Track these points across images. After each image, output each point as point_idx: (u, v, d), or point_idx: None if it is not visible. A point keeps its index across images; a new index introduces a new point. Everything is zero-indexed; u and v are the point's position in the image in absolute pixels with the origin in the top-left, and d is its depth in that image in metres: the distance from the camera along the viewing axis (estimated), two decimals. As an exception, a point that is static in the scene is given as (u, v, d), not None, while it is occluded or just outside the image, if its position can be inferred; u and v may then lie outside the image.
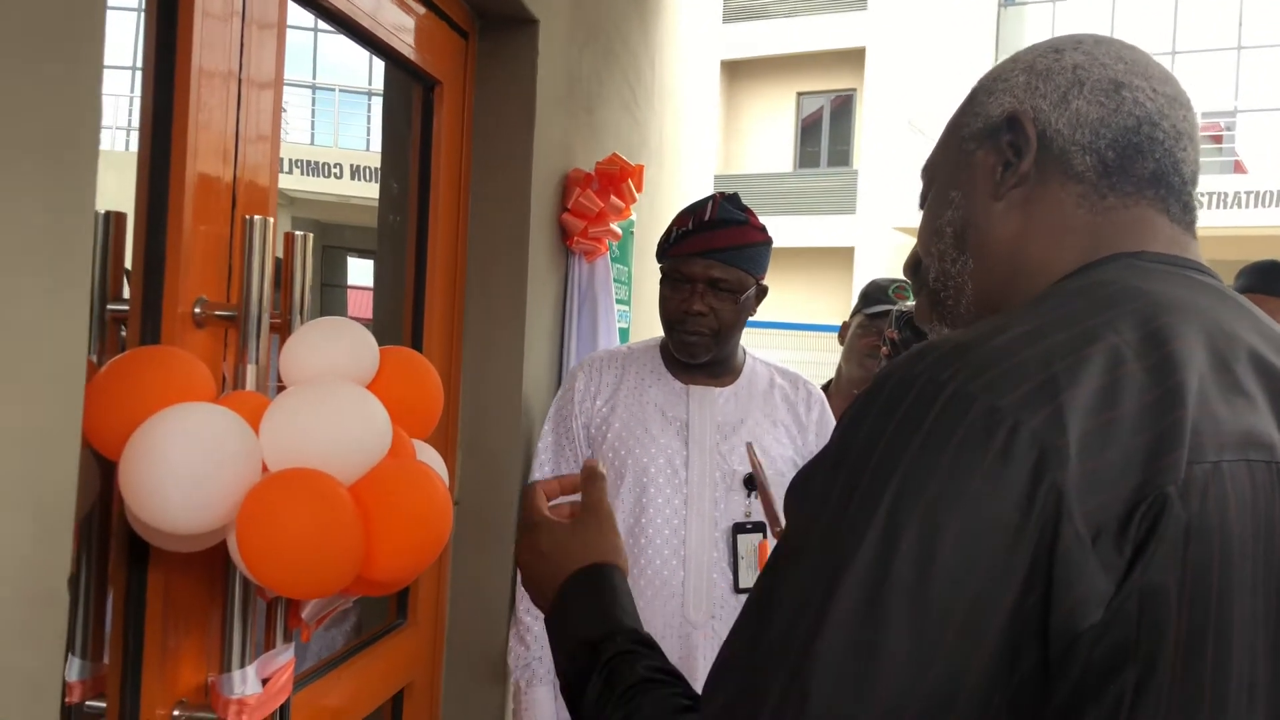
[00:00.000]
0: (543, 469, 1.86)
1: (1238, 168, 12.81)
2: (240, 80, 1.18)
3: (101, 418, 0.96)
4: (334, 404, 0.99)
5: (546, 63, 1.97)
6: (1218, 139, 13.22)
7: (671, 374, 1.84)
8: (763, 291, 1.84)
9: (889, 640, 0.57)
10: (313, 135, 13.19)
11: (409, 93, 1.81)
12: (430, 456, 1.15)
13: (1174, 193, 0.76)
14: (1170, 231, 0.76)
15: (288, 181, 11.74)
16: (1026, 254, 0.76)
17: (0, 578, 0.70)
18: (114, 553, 1.10)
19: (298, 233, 1.19)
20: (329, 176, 11.76)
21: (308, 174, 11.84)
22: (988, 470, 0.58)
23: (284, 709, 1.21)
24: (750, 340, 1.94)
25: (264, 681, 1.14)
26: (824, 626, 0.58)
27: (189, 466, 0.90)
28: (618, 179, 2.16)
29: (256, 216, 1.13)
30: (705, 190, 3.51)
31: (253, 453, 0.96)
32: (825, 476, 0.65)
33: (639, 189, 2.24)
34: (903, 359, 0.68)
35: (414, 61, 1.68)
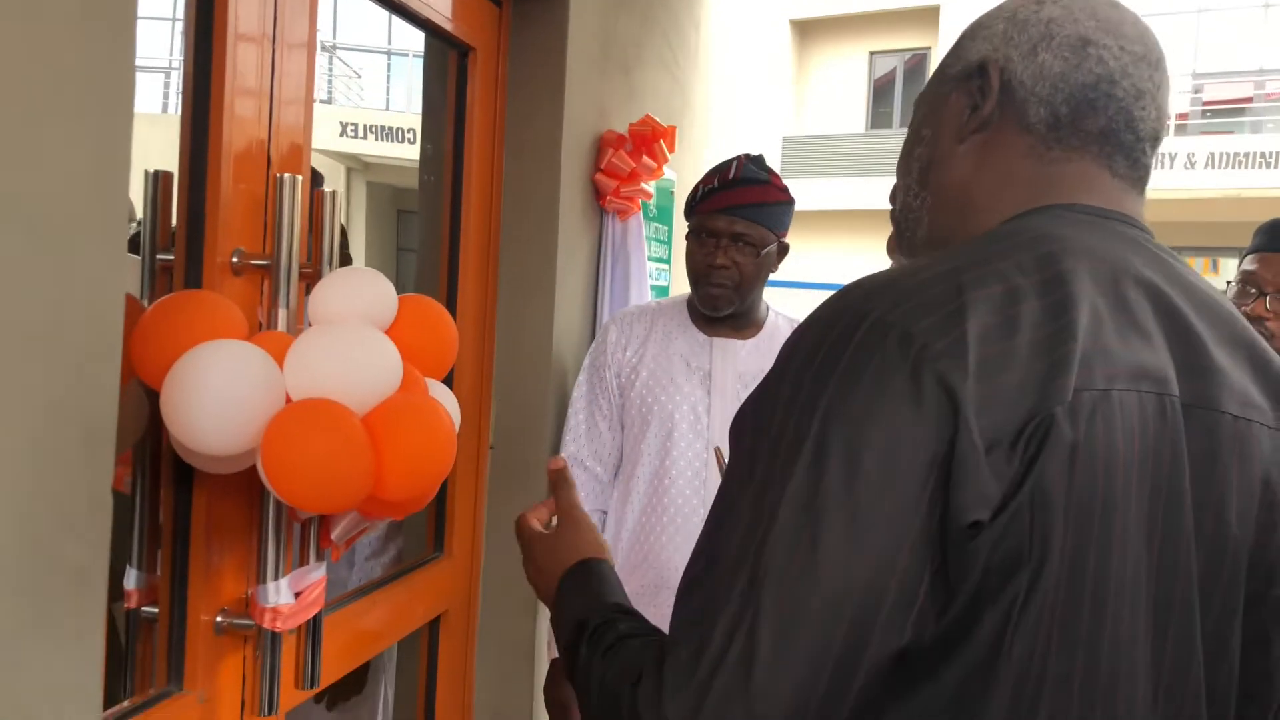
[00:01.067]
0: (577, 415, 1.98)
1: None
2: (274, 45, 1.29)
3: (148, 352, 1.09)
4: (349, 342, 1.11)
5: (579, 27, 2.05)
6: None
7: (697, 327, 1.94)
8: (784, 249, 1.92)
9: (826, 542, 0.65)
10: (388, 101, 13.43)
11: (445, 59, 1.91)
12: (442, 394, 1.26)
13: (1123, 149, 0.80)
14: (1110, 186, 0.80)
15: (363, 147, 11.99)
16: (973, 197, 0.82)
17: (54, 481, 0.83)
18: (163, 476, 1.24)
19: (326, 189, 1.30)
20: (403, 142, 11.99)
21: (382, 139, 12.08)
22: (899, 389, 0.66)
23: (316, 624, 1.35)
24: (819, 300, 2.02)
25: (297, 595, 1.27)
26: (770, 535, 0.67)
27: (220, 394, 1.02)
28: (650, 139, 2.23)
29: (287, 175, 1.24)
30: (769, 152, 3.55)
31: (277, 384, 1.07)
32: (764, 405, 0.73)
33: (671, 149, 2.31)
34: (835, 294, 0.76)
35: (447, 29, 1.78)
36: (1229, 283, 2.03)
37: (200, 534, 1.24)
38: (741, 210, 1.84)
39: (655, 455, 1.87)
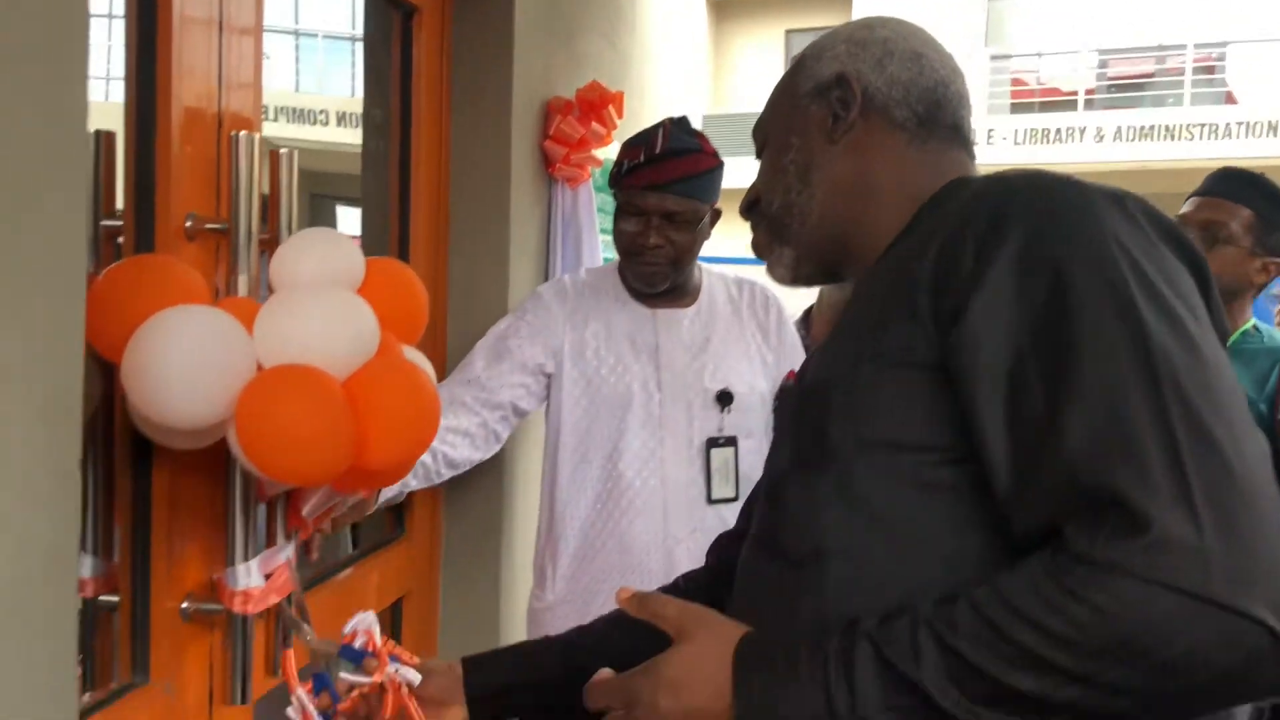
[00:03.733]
0: (471, 369, 1.79)
1: (1229, 99, 12.77)
2: (221, 6, 1.21)
3: (103, 322, 1.01)
4: (323, 305, 1.05)
5: (524, -9, 1.99)
6: (1210, 70, 13.17)
7: (635, 300, 1.85)
8: (716, 215, 1.84)
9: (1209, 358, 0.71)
10: (297, 82, 13.05)
11: (389, 21, 1.84)
12: (417, 358, 1.21)
13: (966, 141, 0.96)
14: (972, 168, 0.95)
15: (272, 129, 11.61)
16: (875, 180, 0.93)
17: (20, 456, 0.76)
18: (119, 455, 1.16)
19: (281, 149, 1.24)
20: (314, 124, 11.66)
21: (293, 122, 11.73)
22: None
23: (302, 603, 1.28)
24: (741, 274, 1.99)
25: (266, 578, 1.21)
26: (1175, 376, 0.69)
27: (188, 363, 0.96)
28: (598, 105, 2.19)
29: (243, 133, 1.17)
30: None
31: (248, 351, 1.01)
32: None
33: (620, 115, 2.27)
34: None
35: (392, -12, 1.71)
36: None
37: (162, 516, 1.17)
38: (672, 186, 1.73)
39: (608, 439, 1.79)
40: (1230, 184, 1.91)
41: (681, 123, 1.81)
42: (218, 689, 1.25)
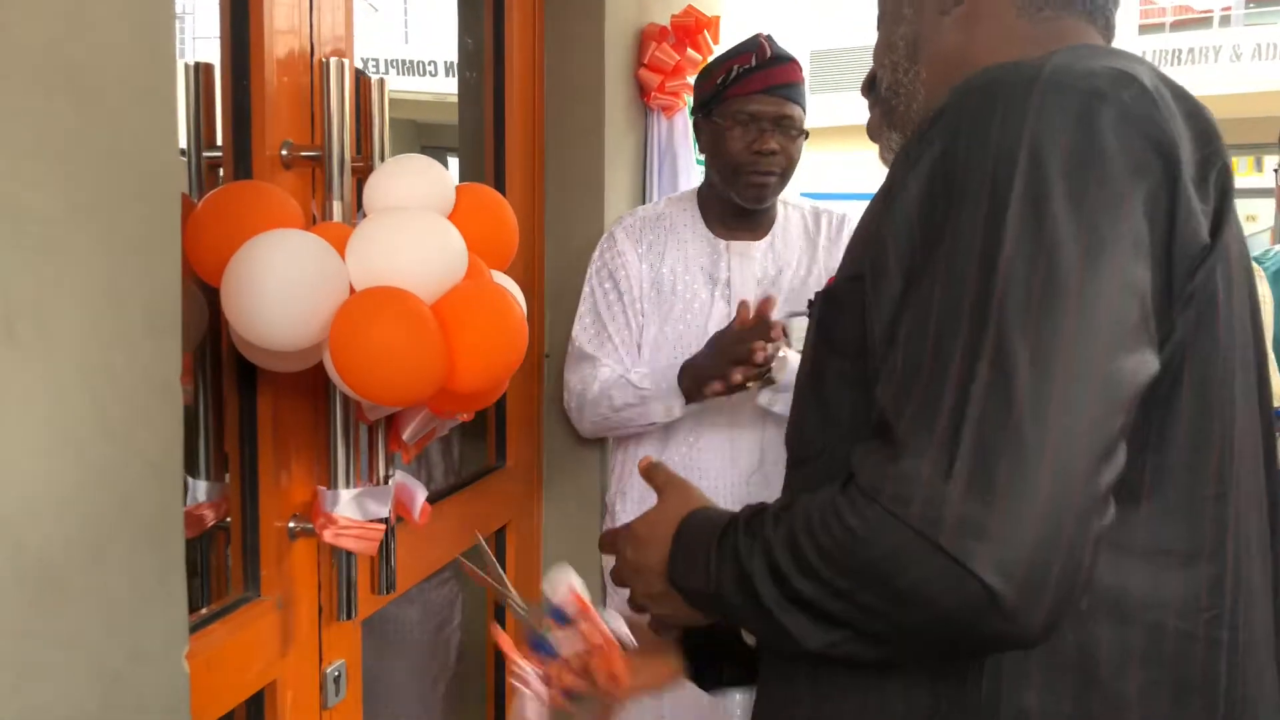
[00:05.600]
0: (586, 331, 1.82)
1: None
2: (310, -71, 1.22)
3: (203, 248, 1.04)
4: (412, 227, 1.06)
5: (616, -87, 1.95)
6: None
7: (711, 231, 1.83)
8: (805, 134, 1.81)
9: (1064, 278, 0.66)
10: (406, 34, 13.23)
11: (480, -49, 1.83)
12: (506, 283, 1.21)
13: (1100, 9, 0.86)
14: (1099, 40, 0.86)
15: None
16: (977, 58, 0.83)
17: (125, 372, 0.79)
18: (226, 380, 1.20)
19: (371, 76, 1.24)
20: (424, 75, 11.81)
21: (404, 73, 11.91)
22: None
23: (389, 531, 1.30)
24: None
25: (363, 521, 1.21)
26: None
27: (283, 285, 0.98)
28: (694, 31, 2.14)
29: (332, 59, 1.18)
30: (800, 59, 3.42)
31: (340, 273, 1.03)
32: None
33: (716, 40, 2.21)
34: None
35: (482, -85, 1.69)
36: (1277, 170, 1.90)
37: (267, 438, 1.20)
38: (784, 90, 1.72)
39: (664, 358, 1.78)
40: None
41: (772, 38, 1.80)
42: (327, 605, 1.29)
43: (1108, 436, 0.62)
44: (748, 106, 1.72)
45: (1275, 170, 1.85)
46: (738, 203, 1.79)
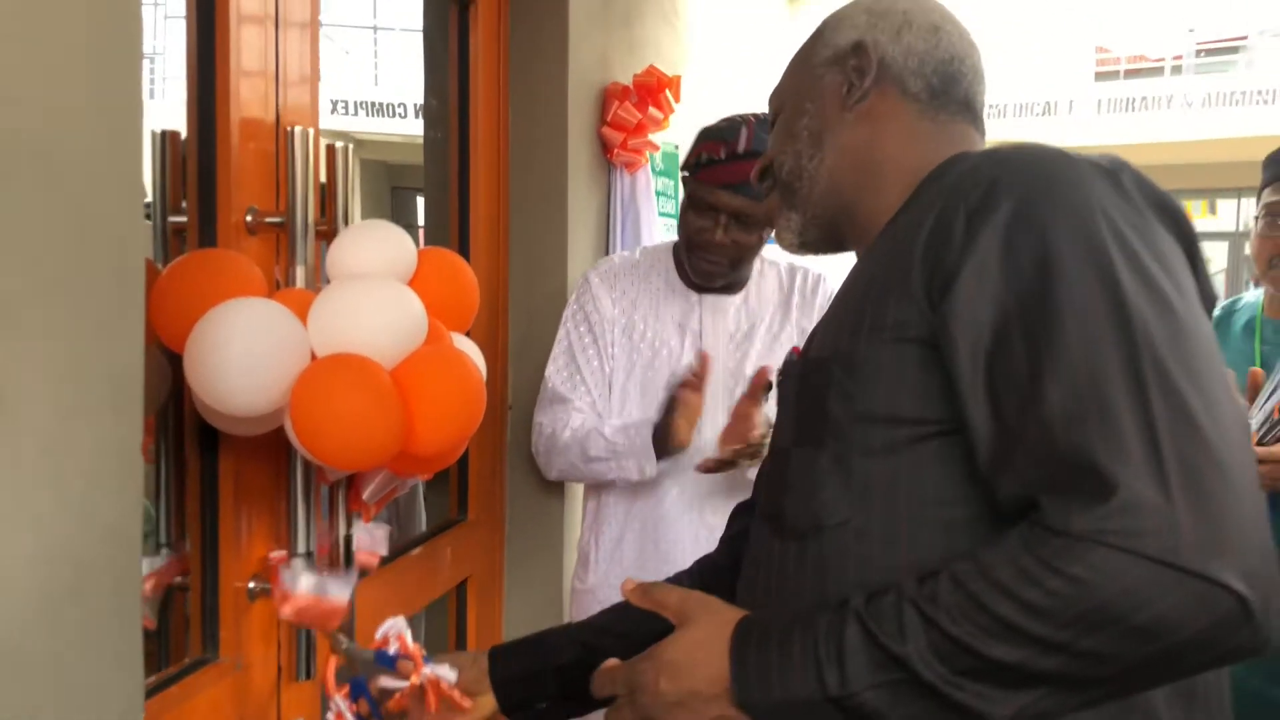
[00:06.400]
0: (560, 373, 1.82)
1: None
2: (278, 4, 1.25)
3: (167, 314, 1.06)
4: (373, 295, 1.08)
5: (579, -22, 2.00)
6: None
7: (684, 282, 1.84)
8: (771, 224, 1.78)
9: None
10: (376, 77, 13.30)
11: (445, 14, 1.87)
12: (467, 346, 1.23)
13: (977, 117, 0.97)
14: (980, 144, 0.96)
15: (353, 124, 11.86)
16: (883, 151, 0.94)
17: (84, 441, 0.80)
18: (188, 444, 1.22)
19: (337, 144, 1.27)
20: (394, 117, 11.86)
21: (373, 115, 11.96)
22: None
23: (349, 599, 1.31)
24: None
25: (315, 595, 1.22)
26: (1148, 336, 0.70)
27: (245, 353, 1.00)
28: (655, 90, 2.19)
29: (298, 127, 1.21)
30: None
31: (301, 340, 1.05)
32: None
33: (677, 99, 2.27)
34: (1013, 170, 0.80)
35: (447, -19, 1.73)
36: (1256, 219, 1.95)
37: (229, 501, 1.22)
38: (748, 188, 1.66)
39: (635, 408, 1.80)
40: None
41: (765, 122, 1.71)
42: (285, 665, 1.30)
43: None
44: (708, 196, 1.71)
45: (1256, 218, 1.90)
46: None
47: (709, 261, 1.76)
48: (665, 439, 1.68)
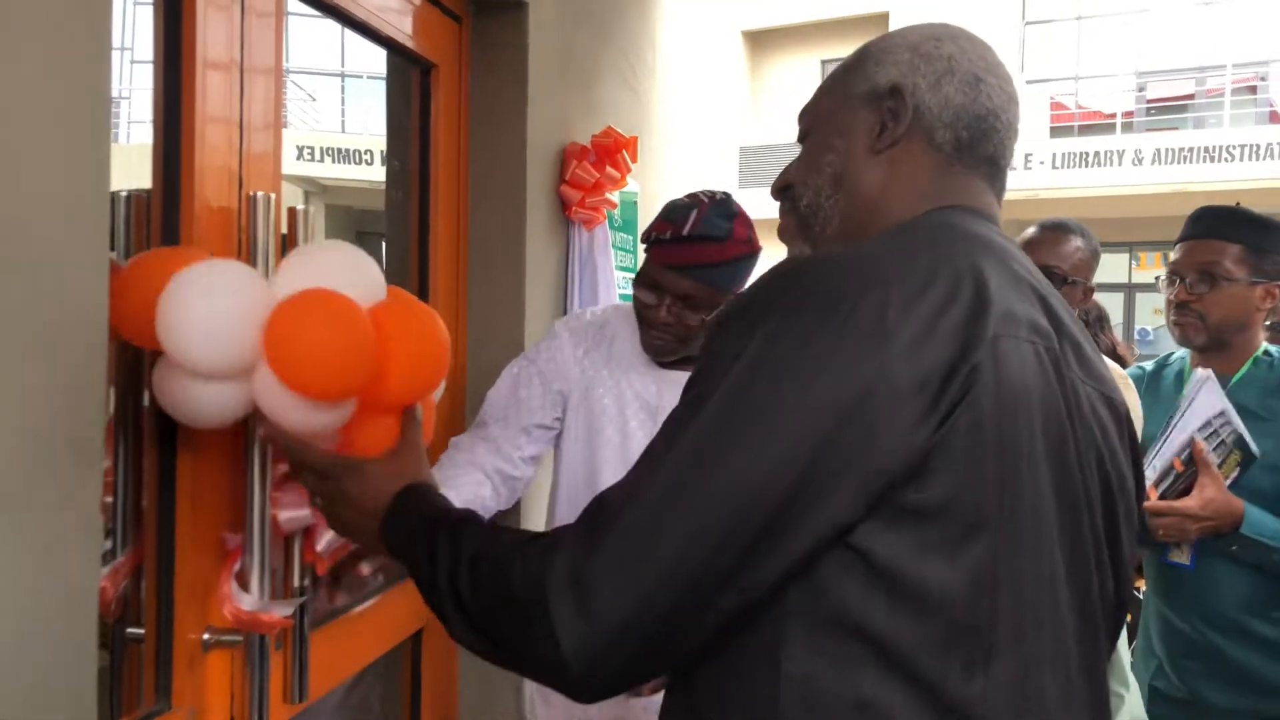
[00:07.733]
0: (498, 391, 1.83)
1: (1273, 118, 12.63)
2: (242, 69, 1.31)
3: (127, 304, 1.06)
4: (336, 250, 1.16)
5: (539, 42, 2.08)
6: (1252, 90, 13.03)
7: (648, 354, 1.82)
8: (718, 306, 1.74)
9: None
10: (343, 123, 13.37)
11: (408, 77, 1.93)
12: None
13: (999, 173, 0.97)
14: (989, 198, 0.96)
15: (320, 170, 11.91)
16: (887, 200, 0.94)
17: (47, 498, 0.84)
18: (146, 495, 1.24)
19: (298, 207, 1.32)
20: (360, 163, 11.92)
21: (340, 161, 12.01)
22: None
23: (303, 639, 1.35)
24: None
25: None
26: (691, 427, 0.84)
27: (213, 295, 1.04)
28: (613, 150, 2.27)
29: (260, 193, 1.26)
30: (726, 162, 3.57)
31: (265, 290, 1.08)
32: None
33: (634, 159, 2.35)
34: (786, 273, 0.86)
35: (409, 46, 1.80)
36: (1156, 278, 2.11)
37: (185, 552, 1.24)
38: (692, 271, 1.66)
39: (587, 483, 1.80)
40: (1212, 223, 1.97)
41: (722, 204, 1.71)
42: (239, 715, 1.32)
43: None
44: (654, 274, 1.71)
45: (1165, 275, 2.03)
46: None
47: (654, 337, 1.75)
48: None
